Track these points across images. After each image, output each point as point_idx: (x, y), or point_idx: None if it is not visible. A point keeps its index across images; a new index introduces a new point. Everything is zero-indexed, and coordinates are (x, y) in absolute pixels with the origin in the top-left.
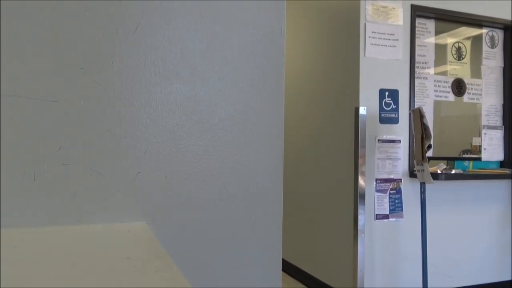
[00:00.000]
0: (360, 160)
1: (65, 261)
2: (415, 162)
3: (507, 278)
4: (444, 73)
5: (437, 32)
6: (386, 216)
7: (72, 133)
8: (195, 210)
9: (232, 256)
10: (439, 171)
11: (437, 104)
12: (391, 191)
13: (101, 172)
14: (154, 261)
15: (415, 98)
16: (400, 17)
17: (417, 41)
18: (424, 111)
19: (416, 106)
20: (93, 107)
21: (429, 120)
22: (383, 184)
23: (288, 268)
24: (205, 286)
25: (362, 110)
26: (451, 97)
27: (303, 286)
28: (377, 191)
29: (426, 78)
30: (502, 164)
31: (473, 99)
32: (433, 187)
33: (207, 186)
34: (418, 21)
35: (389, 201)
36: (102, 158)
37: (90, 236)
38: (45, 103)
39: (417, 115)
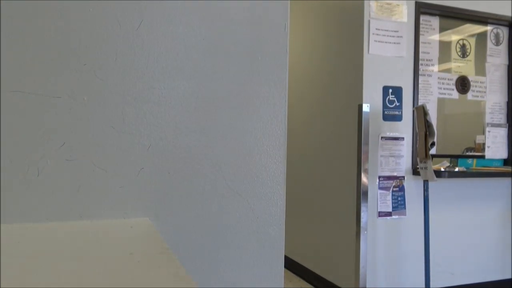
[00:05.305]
0: (363, 157)
1: (68, 257)
2: (418, 160)
3: (509, 276)
4: (448, 71)
5: (442, 29)
6: (388, 214)
7: (76, 129)
8: (198, 206)
9: (234, 253)
10: (442, 169)
11: (441, 102)
12: (394, 189)
13: (104, 168)
14: (157, 256)
15: (419, 96)
16: (404, 14)
17: (421, 38)
18: (427, 108)
19: (419, 104)
20: (96, 103)
21: (433, 118)
22: (386, 182)
23: (291, 265)
24: (207, 283)
25: (366, 107)
26: (455, 94)
27: (306, 283)
28: (380, 188)
29: (430, 76)
30: (505, 162)
31: (477, 96)
32: (436, 185)
33: (210, 182)
34: (423, 18)
35: (392, 199)
36: (105, 154)
37: (93, 232)
38: (49, 99)
39: (420, 113)
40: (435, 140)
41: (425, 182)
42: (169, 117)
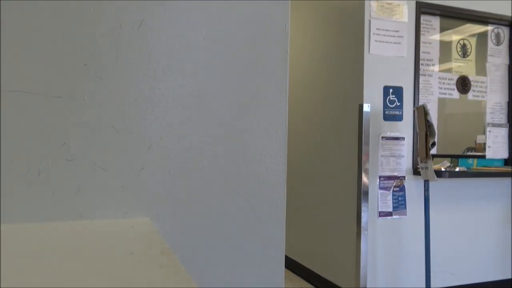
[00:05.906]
0: (363, 157)
1: (68, 256)
2: (419, 160)
3: (509, 276)
4: (448, 71)
5: (442, 29)
6: (389, 214)
7: (76, 129)
8: (199, 206)
9: (234, 253)
10: (443, 169)
11: (442, 102)
12: (395, 189)
13: (105, 167)
14: (157, 256)
15: (420, 96)
16: (405, 14)
17: (422, 38)
18: (428, 108)
19: (420, 104)
20: (97, 103)
21: (433, 118)
22: (386, 182)
23: (291, 265)
24: (207, 283)
25: (366, 107)
26: (455, 94)
27: (306, 283)
28: (381, 188)
29: (430, 75)
30: (506, 162)
31: (478, 96)
32: (436, 185)
33: (210, 182)
34: (423, 18)
35: (393, 199)
36: (106, 154)
37: (93, 231)
38: (49, 99)
39: (421, 113)
40: (435, 140)
41: (426, 182)
42: (169, 117)
